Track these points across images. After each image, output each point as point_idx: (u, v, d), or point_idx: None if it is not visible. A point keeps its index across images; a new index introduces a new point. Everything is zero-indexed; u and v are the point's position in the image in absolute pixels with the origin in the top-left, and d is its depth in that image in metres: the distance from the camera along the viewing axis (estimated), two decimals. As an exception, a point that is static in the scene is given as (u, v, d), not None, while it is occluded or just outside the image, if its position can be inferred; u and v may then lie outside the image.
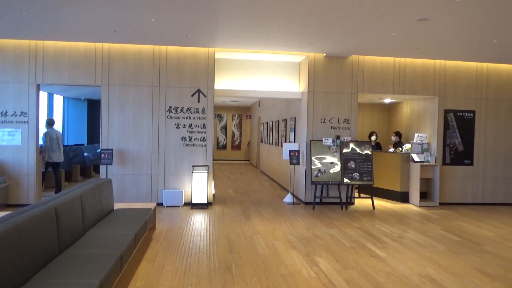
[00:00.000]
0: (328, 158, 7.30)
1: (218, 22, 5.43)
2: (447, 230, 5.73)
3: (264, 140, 13.23)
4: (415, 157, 7.69)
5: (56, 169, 7.80)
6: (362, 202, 7.71)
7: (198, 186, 6.94)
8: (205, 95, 7.12)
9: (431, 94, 7.79)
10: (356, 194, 7.73)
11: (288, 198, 7.72)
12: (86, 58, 6.84)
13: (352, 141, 7.38)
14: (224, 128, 17.89)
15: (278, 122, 10.52)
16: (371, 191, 7.44)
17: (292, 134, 8.72)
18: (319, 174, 7.22)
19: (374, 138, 8.89)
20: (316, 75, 7.42)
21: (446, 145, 7.78)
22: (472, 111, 7.85)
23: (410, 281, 3.70)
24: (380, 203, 7.70)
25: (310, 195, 7.35)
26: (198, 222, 5.94)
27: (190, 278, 3.65)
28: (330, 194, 7.41)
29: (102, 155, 6.72)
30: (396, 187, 7.94)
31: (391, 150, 8.47)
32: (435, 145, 7.77)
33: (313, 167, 7.23)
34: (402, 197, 7.86)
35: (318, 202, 7.39)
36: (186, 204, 7.10)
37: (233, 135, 17.98)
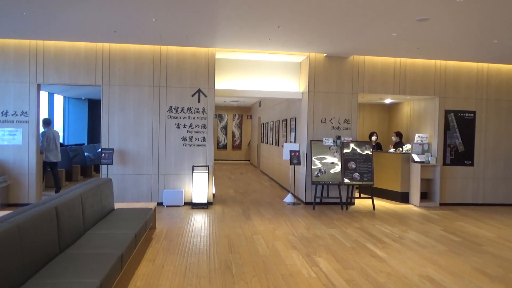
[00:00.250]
0: (328, 158, 7.30)
1: (218, 22, 5.43)
2: (448, 231, 5.73)
3: (264, 140, 13.22)
4: (416, 157, 7.69)
5: (54, 168, 7.80)
6: (362, 202, 7.70)
7: (199, 186, 6.94)
8: (205, 95, 7.12)
9: (432, 95, 7.79)
10: (356, 194, 7.73)
11: (288, 198, 7.71)
12: (86, 58, 6.84)
13: (352, 141, 7.37)
14: (224, 128, 17.89)
15: (279, 122, 10.52)
16: (372, 191, 7.43)
17: (292, 134, 8.71)
18: (320, 174, 7.21)
19: (374, 138, 8.89)
20: (316, 75, 7.42)
21: (446, 145, 7.77)
22: (472, 112, 7.85)
23: (410, 281, 3.70)
24: (380, 204, 7.69)
25: (311, 195, 7.35)
26: (198, 222, 5.94)
27: (190, 278, 3.66)
28: (330, 194, 7.41)
29: (103, 155, 6.72)
30: (396, 188, 7.93)
31: (392, 150, 8.47)
32: (436, 145, 7.76)
33: (313, 167, 7.23)
34: (403, 197, 7.85)
35: (319, 202, 7.39)
36: (187, 204, 7.10)
37: (233, 135, 17.98)
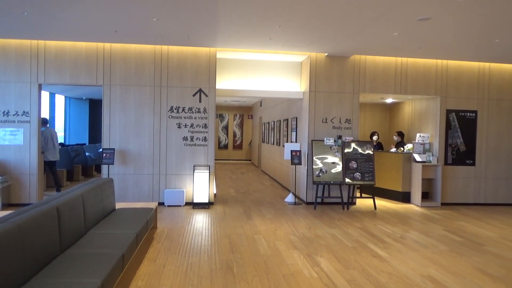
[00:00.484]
0: (329, 158, 7.30)
1: (219, 22, 5.44)
2: (449, 231, 5.72)
3: (265, 140, 13.22)
4: (417, 157, 7.68)
5: (52, 167, 7.81)
6: (363, 202, 7.70)
7: (200, 185, 6.95)
8: (206, 95, 7.13)
9: (433, 94, 7.78)
10: (357, 194, 7.73)
11: (289, 198, 7.72)
12: (87, 58, 6.85)
13: (353, 141, 7.37)
14: (225, 128, 17.89)
15: (280, 122, 10.52)
16: (373, 191, 7.43)
17: (293, 134, 8.71)
18: (321, 174, 7.21)
19: (375, 138, 8.88)
20: (317, 75, 7.42)
21: (448, 145, 7.77)
22: (474, 111, 7.84)
23: (411, 281, 3.70)
24: (381, 203, 7.69)
25: (312, 195, 7.35)
26: (199, 221, 5.95)
27: (191, 278, 3.66)
28: (331, 194, 7.41)
29: (104, 155, 6.74)
30: (397, 187, 7.93)
31: (393, 150, 8.46)
32: (437, 145, 7.75)
33: (314, 167, 7.23)
34: (404, 197, 7.85)
35: (320, 202, 7.39)
36: (188, 203, 7.11)
37: (234, 135, 17.98)
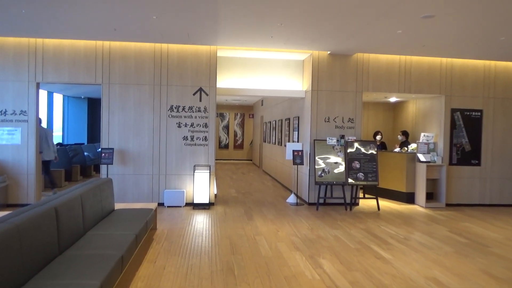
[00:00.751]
0: (332, 158, 7.29)
1: (219, 20, 5.43)
2: (454, 232, 5.71)
3: (267, 139, 13.22)
4: (421, 157, 7.67)
5: (47, 167, 7.81)
6: (367, 203, 7.69)
7: (200, 186, 6.94)
8: (207, 94, 7.13)
9: (438, 93, 7.76)
10: (360, 195, 7.72)
11: (291, 199, 7.71)
12: (86, 56, 6.86)
13: (356, 140, 7.36)
14: (226, 127, 17.89)
15: (281, 121, 10.51)
16: (376, 192, 7.41)
17: (295, 134, 8.71)
18: (323, 174, 7.21)
19: (379, 138, 8.87)
20: (320, 74, 7.41)
21: (453, 144, 7.75)
22: (479, 110, 7.81)
23: (415, 283, 3.69)
24: (385, 204, 7.68)
25: (314, 196, 7.34)
26: (200, 222, 5.94)
27: (191, 280, 3.66)
28: (334, 194, 7.40)
29: (103, 155, 6.74)
30: (401, 188, 7.91)
31: (397, 149, 8.45)
32: (442, 144, 7.74)
33: (316, 167, 7.22)
34: (408, 198, 7.84)
35: (322, 203, 7.38)
36: (188, 204, 7.11)
37: (235, 135, 17.97)
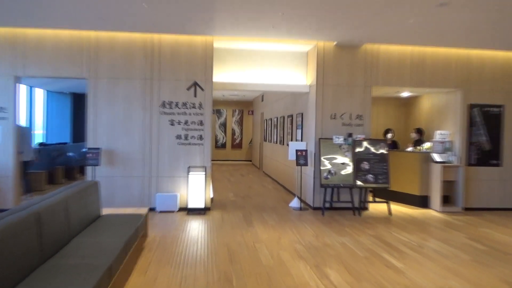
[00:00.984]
0: (339, 158, 7.30)
1: (216, 7, 5.43)
2: (472, 238, 5.72)
3: (267, 138, 13.23)
4: (436, 157, 7.68)
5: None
6: (377, 207, 7.70)
7: (195, 189, 6.95)
8: (202, 89, 7.13)
9: (454, 87, 7.77)
10: (370, 198, 7.73)
11: (294, 203, 7.73)
12: (71, 48, 6.85)
13: (365, 139, 7.37)
14: (223, 125, 17.90)
15: (284, 118, 10.53)
16: (387, 195, 7.42)
17: (299, 132, 8.72)
18: (329, 176, 7.22)
19: (390, 136, 8.88)
20: (325, 66, 7.42)
21: (470, 143, 7.76)
22: (499, 106, 7.82)
23: (430, 294, 3.70)
24: (397, 208, 7.69)
25: (319, 200, 7.35)
26: (194, 229, 5.95)
27: (186, 291, 3.67)
28: (341, 198, 7.42)
29: (89, 155, 6.74)
30: (415, 191, 7.92)
31: (410, 149, 8.46)
32: (459, 143, 7.75)
33: (322, 168, 7.23)
34: (422, 201, 7.85)
35: (328, 207, 7.40)
36: (182, 209, 7.12)
37: (233, 133, 17.99)
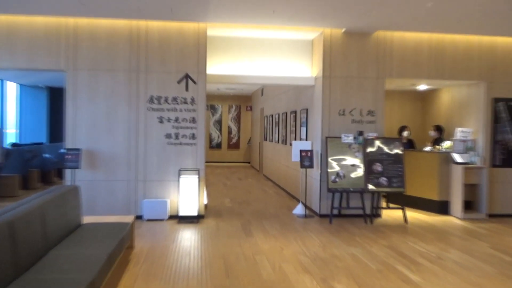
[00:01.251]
0: (348, 160, 7.30)
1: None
2: (498, 249, 5.72)
3: (268, 137, 13.24)
4: (457, 157, 7.68)
5: None
6: (391, 214, 7.71)
7: (187, 194, 6.95)
8: (195, 82, 7.13)
9: (477, 79, 7.77)
10: (383, 204, 7.73)
11: (298, 210, 7.73)
12: (47, 37, 6.84)
13: (378, 137, 7.37)
14: (218, 122, 17.90)
15: (286, 114, 10.53)
16: (402, 200, 7.42)
17: (303, 130, 8.72)
18: (337, 179, 7.22)
19: (406, 134, 8.89)
20: (333, 56, 7.41)
21: (495, 142, 7.76)
22: (528, 100, 7.84)
23: (451, 312, 3.70)
24: (413, 215, 7.70)
25: (326, 206, 7.35)
26: (186, 239, 5.95)
27: (177, 309, 3.66)
28: (351, 204, 7.42)
29: (67, 157, 6.73)
30: (433, 195, 7.93)
31: (428, 148, 8.46)
32: (482, 142, 7.75)
33: (329, 171, 7.23)
34: (441, 207, 7.85)
35: (336, 214, 7.40)
36: (172, 217, 7.12)
37: (229, 131, 17.99)
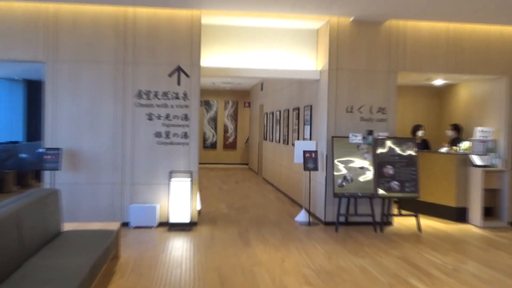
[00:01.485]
0: (356, 162, 7.30)
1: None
2: (520, 260, 5.74)
3: (268, 136, 13.24)
4: (476, 159, 7.69)
5: None
6: (403, 222, 7.72)
7: (178, 199, 6.94)
8: (187, 75, 7.13)
9: (498, 74, 7.79)
10: (395, 211, 7.74)
11: (301, 217, 7.73)
12: (24, 24, 6.83)
13: (389, 137, 7.38)
14: (213, 120, 17.90)
15: (288, 111, 10.53)
16: (416, 207, 7.43)
17: (307, 129, 8.72)
18: (344, 183, 7.22)
19: (420, 134, 8.90)
20: (340, 48, 7.42)
21: (518, 143, 7.79)
22: (554, 97, 7.86)
23: (469, 330, 3.71)
24: (428, 223, 7.70)
25: (332, 212, 7.36)
26: (177, 249, 5.96)
27: (167, 326, 3.67)
28: (359, 210, 7.42)
29: (46, 157, 6.73)
30: (450, 201, 7.94)
31: (444, 149, 8.47)
32: (504, 143, 7.77)
33: (336, 174, 7.23)
34: (458, 214, 7.86)
35: (343, 222, 7.40)
36: (162, 224, 7.12)
37: (225, 130, 17.99)
